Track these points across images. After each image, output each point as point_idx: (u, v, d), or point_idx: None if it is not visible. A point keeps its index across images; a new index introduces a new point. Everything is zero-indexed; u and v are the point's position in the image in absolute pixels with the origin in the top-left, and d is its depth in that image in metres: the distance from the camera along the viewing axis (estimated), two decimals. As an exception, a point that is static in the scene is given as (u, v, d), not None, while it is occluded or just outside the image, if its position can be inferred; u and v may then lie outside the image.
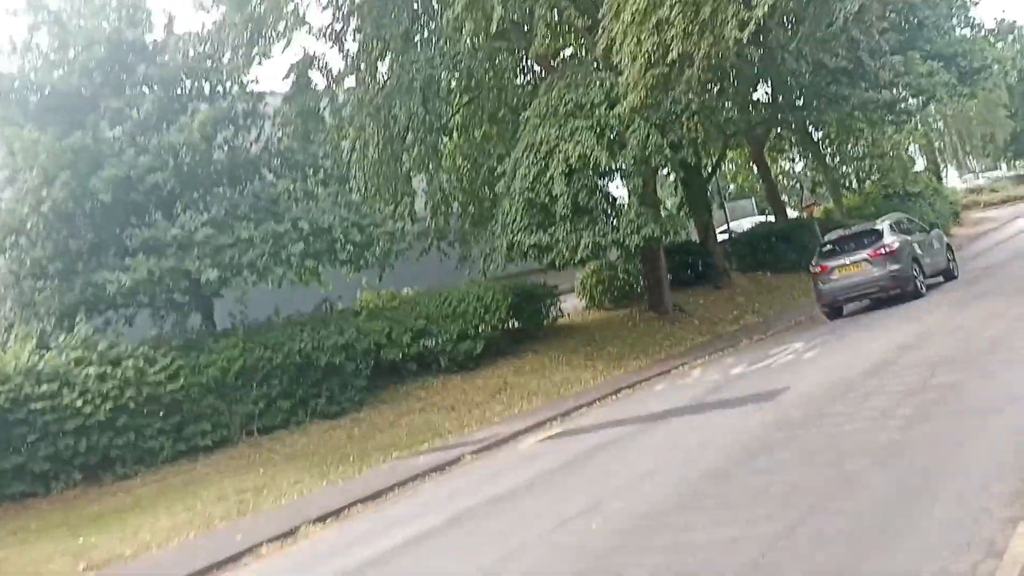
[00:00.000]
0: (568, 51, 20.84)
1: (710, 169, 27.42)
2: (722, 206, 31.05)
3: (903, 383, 9.40)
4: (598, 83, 16.69)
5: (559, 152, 16.44)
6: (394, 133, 19.72)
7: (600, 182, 17.20)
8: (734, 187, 40.87)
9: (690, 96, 16.51)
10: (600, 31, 15.66)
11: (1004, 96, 42.84)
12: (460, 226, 20.41)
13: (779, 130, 30.68)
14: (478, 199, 20.79)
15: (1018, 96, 71.74)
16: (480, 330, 17.67)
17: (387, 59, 19.48)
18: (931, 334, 12.57)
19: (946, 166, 68.04)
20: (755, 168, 31.02)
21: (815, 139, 32.45)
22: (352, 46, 19.78)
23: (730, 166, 34.17)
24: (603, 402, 14.30)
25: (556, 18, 16.95)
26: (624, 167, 16.58)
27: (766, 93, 24.55)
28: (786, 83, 21.30)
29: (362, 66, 19.62)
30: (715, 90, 20.78)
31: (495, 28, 16.69)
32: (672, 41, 13.79)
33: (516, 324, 19.58)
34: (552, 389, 15.93)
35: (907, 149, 35.99)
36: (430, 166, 20.28)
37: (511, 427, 13.15)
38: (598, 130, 16.65)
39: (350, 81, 19.83)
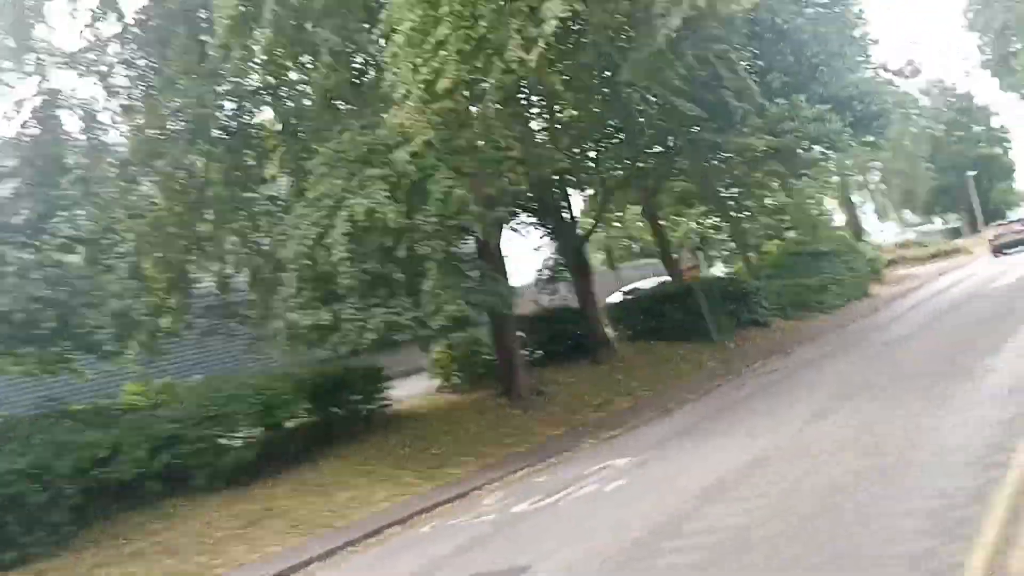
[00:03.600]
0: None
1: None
2: (612, 266, 27.82)
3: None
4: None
5: (345, 208, 13.01)
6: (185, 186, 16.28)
7: (400, 245, 13.64)
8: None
9: (506, 137, 13.23)
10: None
11: (911, 145, 40.80)
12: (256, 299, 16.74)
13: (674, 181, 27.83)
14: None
15: (946, 147, 71.31)
16: (262, 430, 14.09)
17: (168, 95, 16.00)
18: (760, 466, 9.16)
19: (878, 218, 66.70)
20: (647, 224, 27.87)
21: (720, 193, 29.64)
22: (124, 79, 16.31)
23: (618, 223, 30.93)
24: (356, 547, 10.70)
25: (341, 44, 13.59)
26: (424, 226, 13.10)
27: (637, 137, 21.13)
28: (636, 125, 18.15)
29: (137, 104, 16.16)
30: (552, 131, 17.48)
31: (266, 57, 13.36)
32: (447, 66, 10.51)
33: (323, 417, 15.95)
34: (323, 518, 12.24)
35: (819, 203, 33.34)
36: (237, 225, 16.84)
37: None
38: (393, 180, 13.28)
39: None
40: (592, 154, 21.78)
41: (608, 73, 15.44)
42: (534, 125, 19.26)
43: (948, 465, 7.39)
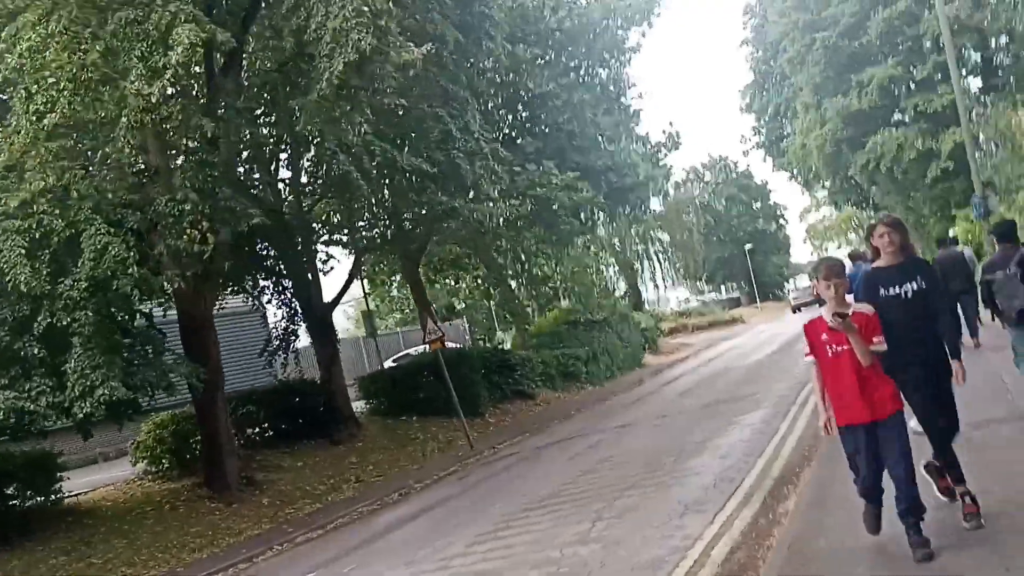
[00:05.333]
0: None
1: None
2: (373, 333, 25.98)
3: None
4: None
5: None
6: None
7: (39, 315, 11.20)
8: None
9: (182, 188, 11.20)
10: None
11: (690, 217, 42.11)
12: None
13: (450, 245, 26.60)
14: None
15: (726, 220, 75.33)
16: None
17: None
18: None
19: (662, 287, 68.92)
20: (409, 289, 26.33)
21: (496, 259, 28.71)
22: None
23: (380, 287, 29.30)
24: None
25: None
26: (71, 292, 10.76)
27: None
28: (353, 183, 16.54)
29: None
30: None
31: None
32: (61, 95, 8.47)
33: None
34: None
35: (595, 271, 33.17)
36: None
37: None
38: (37, 235, 10.92)
39: None
40: (337, 215, 20.07)
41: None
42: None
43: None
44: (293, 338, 19.80)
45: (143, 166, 11.18)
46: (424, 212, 17.81)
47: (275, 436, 19.68)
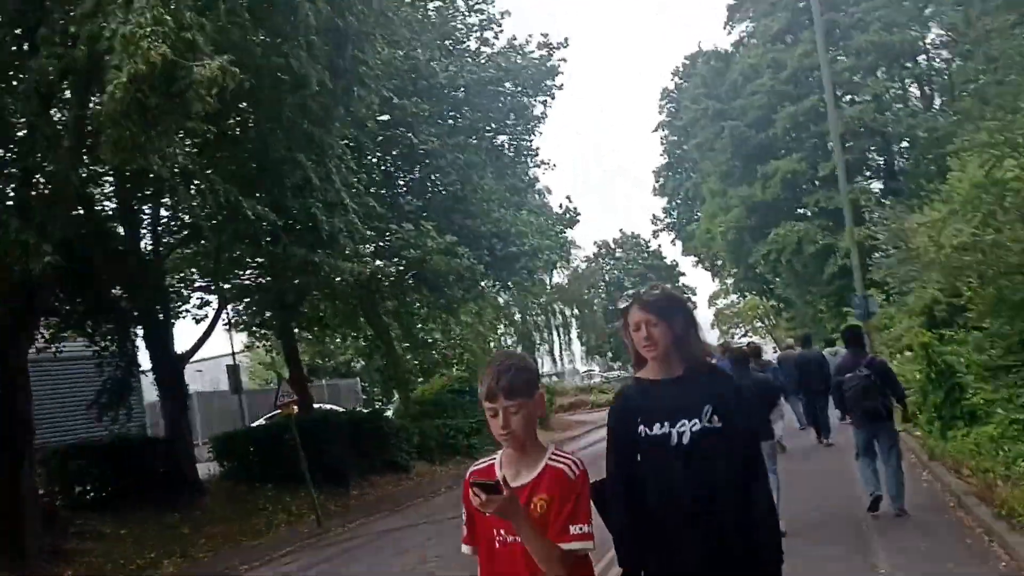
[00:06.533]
0: None
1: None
2: (237, 390, 24.25)
3: None
4: None
5: None
6: None
7: None
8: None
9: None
10: None
11: (586, 292, 41.61)
12: None
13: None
14: None
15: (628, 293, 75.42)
16: None
17: None
18: None
19: (569, 361, 68.30)
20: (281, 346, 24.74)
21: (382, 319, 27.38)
22: None
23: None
24: None
25: None
26: None
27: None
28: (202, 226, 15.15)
29: None
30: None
31: None
32: None
33: None
34: None
35: (485, 340, 32.10)
36: None
37: None
38: None
39: None
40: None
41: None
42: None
43: None
44: (127, 391, 18.00)
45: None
46: (278, 265, 16.50)
47: (107, 497, 17.79)
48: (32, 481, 14.28)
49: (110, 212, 17.09)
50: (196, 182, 13.27)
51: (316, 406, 25.35)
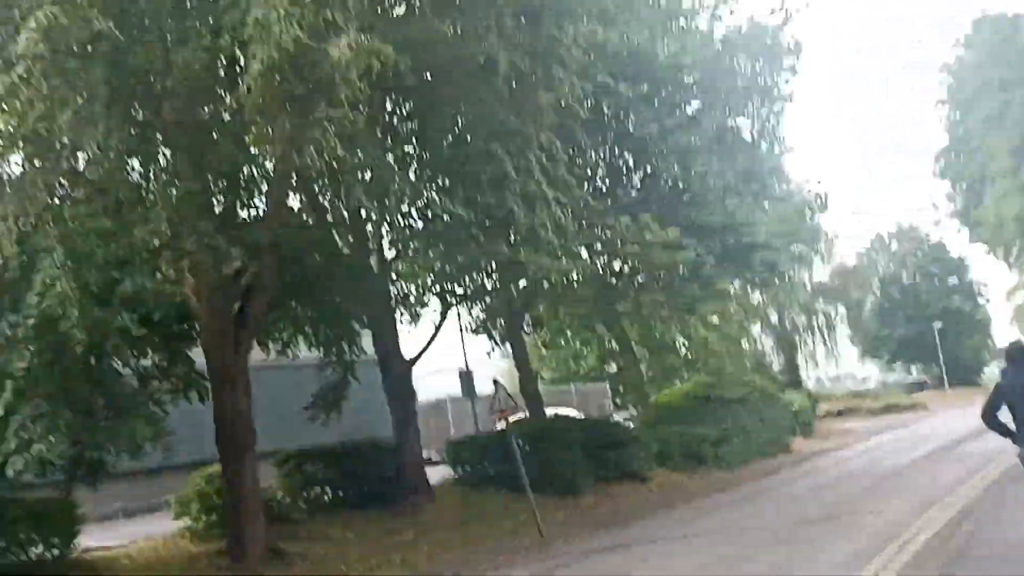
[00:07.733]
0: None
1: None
2: (470, 392, 24.15)
3: None
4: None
5: None
6: None
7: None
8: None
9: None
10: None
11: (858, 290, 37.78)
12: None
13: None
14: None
15: (914, 296, 68.41)
16: None
17: None
18: None
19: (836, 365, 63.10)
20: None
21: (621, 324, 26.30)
22: None
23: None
24: None
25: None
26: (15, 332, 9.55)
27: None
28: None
29: None
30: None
31: None
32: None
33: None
34: None
35: (733, 342, 29.78)
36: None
37: None
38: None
39: None
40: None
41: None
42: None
43: None
44: (342, 396, 18.22)
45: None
46: (501, 269, 15.85)
47: (337, 501, 18.15)
48: (254, 482, 14.58)
49: (331, 220, 17.35)
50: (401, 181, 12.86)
51: (551, 411, 24.62)
